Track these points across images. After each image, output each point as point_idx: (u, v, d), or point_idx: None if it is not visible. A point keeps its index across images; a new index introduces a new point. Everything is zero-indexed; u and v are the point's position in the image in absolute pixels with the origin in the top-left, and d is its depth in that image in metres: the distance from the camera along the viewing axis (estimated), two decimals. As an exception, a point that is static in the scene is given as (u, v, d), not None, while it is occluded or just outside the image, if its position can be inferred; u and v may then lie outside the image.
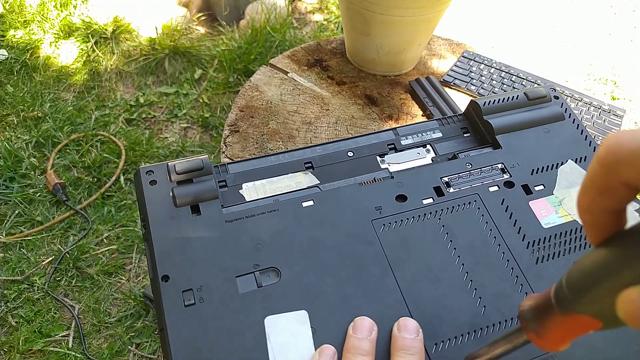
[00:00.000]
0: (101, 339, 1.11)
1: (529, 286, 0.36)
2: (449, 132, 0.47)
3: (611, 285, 0.19)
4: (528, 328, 0.24)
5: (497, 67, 0.87)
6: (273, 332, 0.32)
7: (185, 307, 0.33)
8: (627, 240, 0.20)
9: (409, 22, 0.75)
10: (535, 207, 0.40)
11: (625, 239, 0.20)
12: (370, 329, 0.32)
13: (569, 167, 0.43)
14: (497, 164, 0.43)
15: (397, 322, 0.33)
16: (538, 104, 0.47)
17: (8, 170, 1.39)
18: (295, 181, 0.42)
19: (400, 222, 0.38)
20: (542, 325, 0.24)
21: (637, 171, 0.18)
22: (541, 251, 0.38)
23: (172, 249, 0.35)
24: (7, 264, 1.21)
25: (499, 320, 0.34)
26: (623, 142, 0.19)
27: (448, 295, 0.35)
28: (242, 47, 1.70)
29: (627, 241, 0.19)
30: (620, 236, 0.20)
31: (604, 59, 1.96)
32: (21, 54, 1.74)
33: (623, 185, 0.19)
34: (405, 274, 0.36)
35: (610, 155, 0.19)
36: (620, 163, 0.19)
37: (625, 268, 0.18)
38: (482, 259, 0.37)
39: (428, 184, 0.41)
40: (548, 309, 0.23)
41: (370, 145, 0.45)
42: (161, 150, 1.49)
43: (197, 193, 0.38)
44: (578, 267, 0.21)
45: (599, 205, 0.20)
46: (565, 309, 0.22)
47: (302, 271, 0.35)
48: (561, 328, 0.23)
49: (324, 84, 0.84)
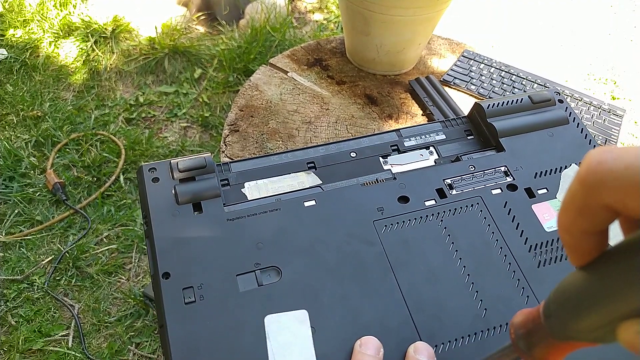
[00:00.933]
0: (101, 339, 1.11)
1: (531, 289, 0.36)
2: (453, 134, 0.47)
3: (604, 315, 0.18)
4: (519, 347, 0.24)
5: (497, 67, 0.87)
6: (273, 331, 0.32)
7: (185, 305, 0.33)
8: (612, 268, 0.18)
9: (409, 21, 0.74)
10: (538, 211, 0.40)
11: (610, 265, 0.18)
12: (378, 349, 0.31)
13: (573, 171, 0.43)
14: (500, 167, 0.43)
15: (413, 345, 0.32)
16: (542, 108, 0.47)
17: (8, 170, 1.39)
18: (298, 181, 0.42)
19: (402, 224, 0.38)
20: (533, 344, 0.23)
21: (620, 195, 0.16)
22: (543, 255, 0.38)
23: (173, 247, 0.35)
24: (6, 264, 1.20)
25: (499, 324, 0.34)
26: (605, 161, 0.17)
27: (449, 297, 0.35)
28: (241, 47, 1.70)
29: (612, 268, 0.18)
30: (603, 261, 0.19)
31: (604, 59, 1.95)
32: (21, 53, 1.74)
33: (603, 208, 0.17)
34: (406, 275, 0.36)
35: (591, 175, 0.17)
36: (601, 185, 0.17)
37: (618, 299, 0.17)
38: (484, 262, 0.37)
39: (430, 186, 0.41)
40: (538, 329, 0.22)
41: (373, 146, 0.45)
42: (161, 150, 1.49)
43: (199, 191, 0.38)
44: (563, 291, 0.20)
45: (578, 227, 0.19)
46: (557, 335, 0.21)
47: (303, 271, 0.35)
48: (553, 347, 0.22)
49: (324, 83, 0.84)
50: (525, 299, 0.35)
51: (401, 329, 0.33)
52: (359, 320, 0.33)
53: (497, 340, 0.34)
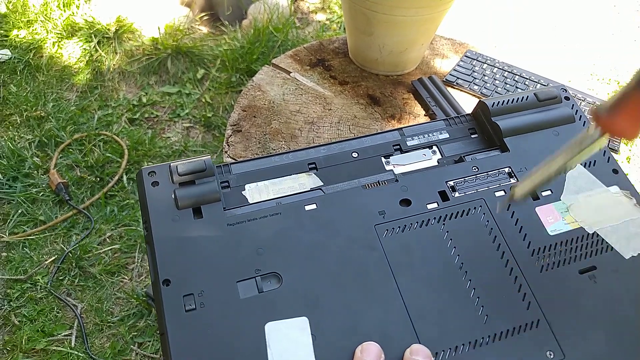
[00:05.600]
0: (104, 338, 1.11)
1: (533, 295, 0.35)
2: (456, 133, 0.46)
3: None
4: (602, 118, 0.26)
5: (499, 67, 0.87)
6: (273, 338, 0.32)
7: (186, 312, 0.33)
8: None
9: (412, 21, 0.74)
10: (542, 213, 0.40)
11: None
12: (379, 355, 0.31)
13: (578, 171, 0.42)
14: (504, 168, 0.42)
15: (410, 348, 0.32)
16: (548, 105, 0.46)
17: (11, 170, 1.40)
18: (299, 182, 0.41)
19: (404, 228, 0.38)
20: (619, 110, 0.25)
21: None
22: (546, 259, 0.37)
23: (173, 253, 0.35)
24: (10, 263, 1.21)
25: (500, 331, 0.34)
26: None
27: (450, 303, 0.35)
28: (244, 47, 1.70)
29: None
30: None
31: (607, 59, 1.95)
32: (24, 53, 1.75)
33: None
34: (407, 281, 0.35)
35: None
36: None
37: None
38: (486, 267, 0.37)
39: (433, 188, 0.40)
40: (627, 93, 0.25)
41: (375, 146, 0.44)
42: (164, 150, 1.50)
43: (199, 195, 0.38)
44: None
45: None
46: None
47: (304, 277, 0.35)
48: None
49: (327, 83, 0.84)
50: (527, 304, 0.35)
51: (402, 335, 0.33)
52: (359, 327, 0.33)
53: (498, 348, 0.33)
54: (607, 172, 0.43)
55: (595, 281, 0.36)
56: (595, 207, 0.40)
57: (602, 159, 0.43)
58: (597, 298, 0.36)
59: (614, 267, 0.37)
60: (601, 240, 0.39)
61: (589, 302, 0.36)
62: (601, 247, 0.38)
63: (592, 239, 0.39)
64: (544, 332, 0.34)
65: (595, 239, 0.39)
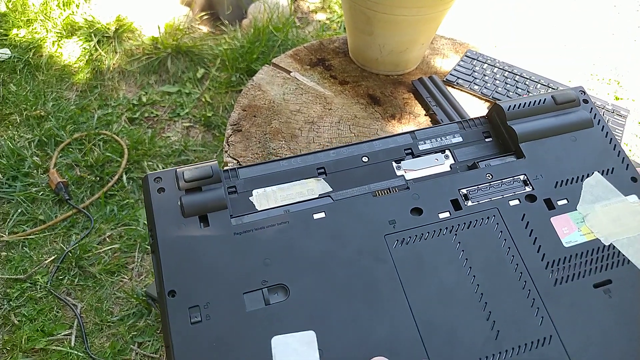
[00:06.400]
0: (103, 338, 1.11)
1: (546, 310, 0.34)
2: (470, 136, 0.44)
3: None
4: None
5: (500, 67, 0.87)
6: (279, 352, 0.31)
7: (191, 325, 0.32)
8: None
9: (412, 21, 0.74)
10: (557, 224, 0.38)
11: None
12: None
13: (595, 180, 0.41)
14: (519, 176, 0.41)
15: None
16: (566, 109, 0.44)
17: (11, 169, 1.39)
18: (307, 188, 0.40)
19: (415, 238, 0.37)
20: None
21: None
22: (560, 272, 0.36)
23: (179, 263, 0.34)
24: (10, 263, 1.21)
25: (512, 347, 0.33)
26: None
27: (461, 317, 0.34)
28: (244, 47, 1.70)
29: None
30: None
31: (608, 59, 1.95)
32: (24, 52, 1.75)
33: None
34: (417, 294, 0.34)
35: None
36: None
37: None
38: (498, 280, 0.35)
39: (445, 197, 0.39)
40: None
41: (386, 150, 0.42)
42: (163, 150, 1.50)
43: (206, 203, 0.37)
44: None
45: None
46: None
47: (311, 289, 0.34)
48: None
49: (327, 83, 0.84)
50: (539, 319, 0.34)
51: (411, 351, 0.32)
52: (367, 342, 0.32)
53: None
54: (625, 179, 0.41)
55: (611, 296, 0.35)
56: (612, 218, 0.39)
57: (620, 166, 0.42)
58: (612, 314, 0.35)
59: (631, 282, 0.36)
60: (617, 253, 0.37)
61: (604, 318, 0.34)
62: (617, 259, 0.37)
63: (608, 251, 0.37)
64: (557, 348, 0.33)
65: (612, 251, 0.37)
